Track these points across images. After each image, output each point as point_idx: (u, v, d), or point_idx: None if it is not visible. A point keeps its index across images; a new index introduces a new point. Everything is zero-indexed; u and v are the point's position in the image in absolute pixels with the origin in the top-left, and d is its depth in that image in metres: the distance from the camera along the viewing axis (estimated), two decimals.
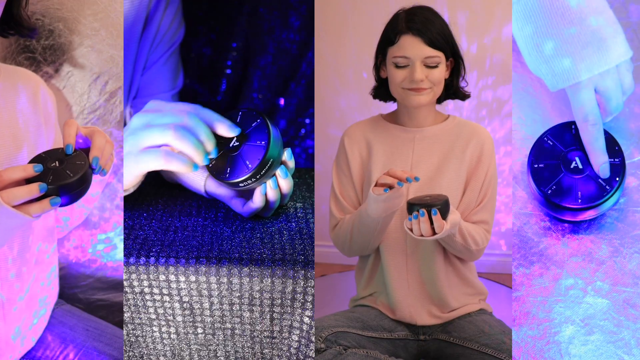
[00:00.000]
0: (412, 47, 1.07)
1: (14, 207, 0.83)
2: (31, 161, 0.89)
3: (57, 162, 0.88)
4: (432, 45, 1.07)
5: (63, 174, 0.87)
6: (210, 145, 0.95)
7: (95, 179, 0.93)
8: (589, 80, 0.92)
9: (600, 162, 0.94)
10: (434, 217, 0.98)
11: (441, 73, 1.10)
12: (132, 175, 0.98)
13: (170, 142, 0.92)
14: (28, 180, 0.86)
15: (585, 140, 0.94)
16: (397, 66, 1.09)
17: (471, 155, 1.14)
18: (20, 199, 0.83)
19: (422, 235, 1.00)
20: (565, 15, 0.91)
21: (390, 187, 1.02)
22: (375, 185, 1.03)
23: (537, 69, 0.95)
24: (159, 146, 0.94)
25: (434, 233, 0.99)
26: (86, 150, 0.92)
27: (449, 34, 1.10)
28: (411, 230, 1.01)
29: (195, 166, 0.95)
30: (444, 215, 0.99)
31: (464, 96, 1.18)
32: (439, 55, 1.08)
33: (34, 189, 0.84)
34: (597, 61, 0.91)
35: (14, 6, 1.04)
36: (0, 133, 1.02)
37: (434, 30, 1.07)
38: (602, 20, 0.92)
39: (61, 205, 0.87)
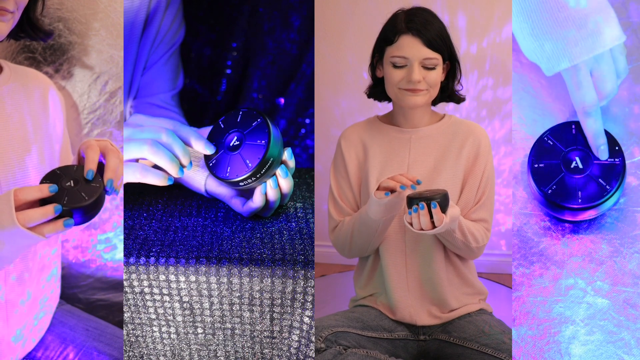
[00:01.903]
0: (411, 47, 1.07)
1: (28, 228, 0.84)
2: (45, 177, 0.89)
3: (71, 182, 0.89)
4: (430, 47, 1.07)
5: (78, 196, 0.88)
6: (185, 159, 0.98)
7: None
8: (584, 64, 0.93)
9: (599, 143, 0.95)
10: (433, 211, 0.98)
11: (438, 75, 1.10)
12: None
13: (146, 155, 0.96)
14: (42, 200, 0.86)
15: (584, 123, 0.95)
16: (395, 66, 1.09)
17: (468, 153, 1.14)
18: (36, 221, 0.84)
19: (422, 230, 1.00)
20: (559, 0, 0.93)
21: (392, 190, 1.02)
22: (378, 189, 1.03)
23: (533, 54, 0.96)
24: (137, 160, 0.98)
25: (434, 227, 0.99)
26: (100, 166, 0.93)
27: (447, 37, 1.10)
28: (411, 224, 1.01)
29: (170, 179, 0.99)
30: (444, 209, 0.99)
31: (458, 99, 1.18)
32: (437, 57, 1.08)
33: (49, 211, 0.85)
34: (592, 44, 0.92)
35: (30, 10, 1.05)
36: (10, 134, 1.03)
37: (433, 32, 1.07)
38: (596, 5, 0.93)
39: (74, 225, 0.87)
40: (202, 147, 1.01)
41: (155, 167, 1.00)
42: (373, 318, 1.15)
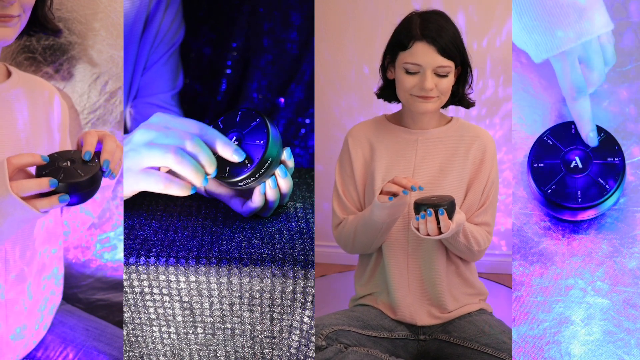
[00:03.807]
0: (425, 55, 1.06)
1: (22, 199, 0.84)
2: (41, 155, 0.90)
3: (68, 162, 0.90)
4: (444, 55, 1.06)
5: (74, 173, 0.88)
6: (210, 168, 0.93)
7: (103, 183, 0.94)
8: (572, 50, 0.94)
9: (588, 130, 0.96)
10: (440, 217, 0.99)
11: (450, 82, 1.09)
12: (130, 190, 0.96)
13: (170, 165, 0.90)
14: (38, 177, 0.87)
15: (572, 109, 0.96)
16: (408, 72, 1.08)
17: (474, 157, 1.14)
18: (30, 190, 0.84)
19: (428, 235, 1.01)
20: None
21: (395, 194, 1.02)
22: (381, 193, 1.03)
23: (521, 41, 0.96)
24: (159, 168, 0.93)
25: (440, 232, 1.00)
26: (97, 153, 0.93)
27: (461, 42, 1.09)
28: (417, 229, 1.01)
29: (193, 189, 0.94)
30: (450, 215, 1.00)
31: (468, 104, 1.18)
32: (450, 65, 1.07)
33: (44, 183, 0.85)
34: (579, 31, 0.92)
35: (39, 7, 1.06)
36: (15, 136, 1.03)
37: (447, 39, 1.06)
38: None
39: (69, 204, 0.88)
40: (229, 154, 0.95)
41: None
42: (373, 317, 1.15)
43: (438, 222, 1.00)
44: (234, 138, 1.00)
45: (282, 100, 1.38)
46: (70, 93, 1.26)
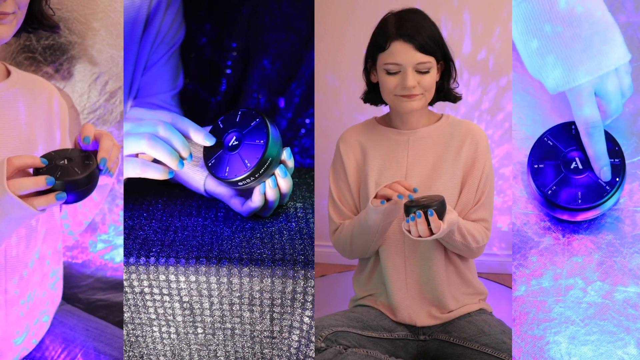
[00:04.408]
0: (403, 53, 1.06)
1: (20, 197, 0.84)
2: (41, 157, 0.90)
3: (65, 160, 0.90)
4: (423, 51, 1.06)
5: (71, 171, 0.89)
6: (185, 152, 0.98)
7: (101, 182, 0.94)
8: (589, 83, 0.92)
9: (602, 164, 0.94)
10: (430, 218, 0.98)
11: (432, 78, 1.09)
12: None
13: (145, 150, 0.96)
14: (36, 175, 0.87)
15: (586, 143, 0.94)
16: (389, 73, 1.08)
17: (466, 154, 1.14)
18: (27, 189, 0.85)
19: (420, 236, 1.00)
20: (564, 18, 0.92)
21: (389, 199, 1.02)
22: (375, 197, 1.03)
23: (537, 72, 0.95)
24: (136, 155, 0.98)
25: (432, 233, 0.99)
26: (94, 152, 0.94)
27: (439, 37, 1.09)
28: (409, 231, 1.01)
29: (171, 172, 0.98)
30: (441, 216, 0.99)
31: (455, 98, 1.18)
32: (430, 61, 1.07)
33: (41, 181, 0.85)
34: (597, 64, 0.91)
35: (35, 4, 1.06)
36: (16, 135, 1.04)
37: (424, 35, 1.06)
38: (601, 24, 0.92)
39: (66, 202, 0.88)
40: (201, 139, 1.00)
41: (156, 161, 1.00)
42: (373, 318, 1.15)
43: (429, 223, 0.99)
44: (234, 138, 1.00)
45: (282, 100, 1.38)
46: (70, 93, 1.26)
